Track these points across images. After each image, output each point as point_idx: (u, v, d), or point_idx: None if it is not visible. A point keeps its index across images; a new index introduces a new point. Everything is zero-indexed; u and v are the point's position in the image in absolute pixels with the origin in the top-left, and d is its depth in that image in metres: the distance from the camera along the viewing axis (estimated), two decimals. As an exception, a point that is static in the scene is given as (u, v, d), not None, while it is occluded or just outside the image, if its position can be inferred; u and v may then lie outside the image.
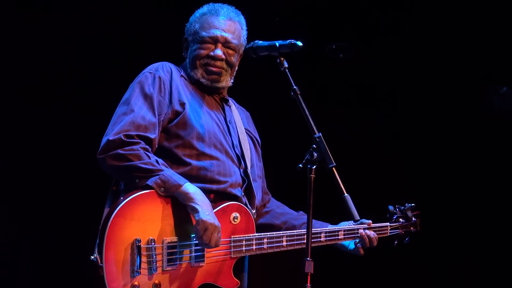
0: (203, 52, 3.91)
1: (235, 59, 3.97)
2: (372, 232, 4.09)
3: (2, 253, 5.54)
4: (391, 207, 4.39)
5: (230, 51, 3.94)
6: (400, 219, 4.36)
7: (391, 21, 6.20)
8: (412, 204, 4.42)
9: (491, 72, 6.42)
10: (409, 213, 4.40)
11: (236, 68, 4.03)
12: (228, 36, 3.92)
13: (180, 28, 4.11)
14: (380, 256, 4.88)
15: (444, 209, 6.38)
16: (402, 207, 4.40)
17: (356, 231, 4.05)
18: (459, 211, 6.46)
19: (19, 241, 5.65)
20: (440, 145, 6.64)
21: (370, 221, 4.10)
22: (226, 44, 3.92)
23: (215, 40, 3.90)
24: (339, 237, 4.05)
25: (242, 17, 4.05)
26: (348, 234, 4.07)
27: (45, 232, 5.63)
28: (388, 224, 4.29)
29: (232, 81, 4.02)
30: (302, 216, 4.12)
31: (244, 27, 4.04)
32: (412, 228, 4.40)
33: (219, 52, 3.90)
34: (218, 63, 3.91)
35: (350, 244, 4.11)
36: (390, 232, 4.29)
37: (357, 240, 4.07)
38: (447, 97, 6.55)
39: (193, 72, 3.93)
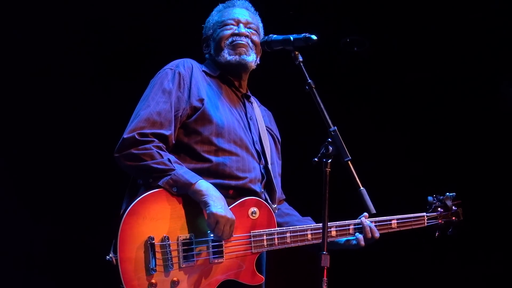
0: (227, 32, 3.96)
1: (257, 39, 3.99)
2: (373, 224, 3.94)
3: (16, 253, 5.72)
4: (430, 198, 4.28)
5: (253, 31, 3.99)
6: (439, 209, 4.24)
7: (405, 13, 6.06)
8: (453, 194, 4.28)
9: (508, 65, 6.24)
10: (449, 202, 4.26)
11: (260, 54, 4.04)
12: (248, 18, 4.01)
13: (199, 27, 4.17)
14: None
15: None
16: (441, 197, 4.27)
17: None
18: (480, 205, 6.26)
19: (34, 240, 5.82)
20: (456, 137, 6.52)
21: (366, 214, 3.95)
22: (247, 25, 3.99)
23: (237, 21, 3.98)
24: (350, 232, 3.94)
25: (257, 13, 4.12)
26: (358, 227, 3.95)
27: (61, 231, 5.79)
28: (424, 214, 4.18)
29: (257, 61, 4.02)
30: (306, 220, 4.03)
31: (260, 21, 4.10)
32: (453, 217, 4.27)
33: (242, 29, 3.96)
34: (243, 39, 3.94)
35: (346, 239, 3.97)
36: (427, 223, 4.18)
37: (354, 237, 3.93)
38: (463, 90, 6.40)
39: (220, 56, 3.95)
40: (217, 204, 3.51)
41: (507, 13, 5.87)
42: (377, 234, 3.93)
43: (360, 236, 3.91)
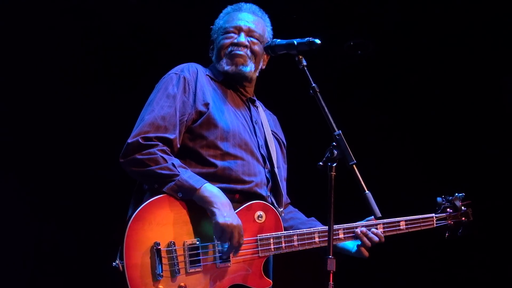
0: (227, 41, 3.94)
1: (258, 48, 3.96)
2: (375, 229, 3.90)
3: (22, 260, 5.75)
4: (439, 199, 4.24)
5: (254, 40, 3.95)
6: (448, 209, 4.20)
7: (408, 15, 6.04)
8: (462, 194, 4.25)
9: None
10: (458, 203, 4.23)
11: (262, 64, 4.02)
12: (251, 26, 3.96)
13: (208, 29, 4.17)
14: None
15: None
16: (450, 197, 4.23)
17: (374, 227, 3.91)
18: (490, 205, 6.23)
19: (40, 249, 5.84)
20: (464, 138, 6.45)
21: (372, 217, 3.91)
22: (249, 33, 3.95)
23: (238, 30, 3.95)
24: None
25: (266, 15, 4.09)
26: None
27: (67, 238, 5.80)
28: (433, 215, 4.15)
29: (257, 72, 4.00)
30: (311, 222, 4.04)
31: (269, 24, 4.07)
32: (463, 218, 4.23)
33: (242, 39, 3.92)
34: (242, 49, 3.91)
35: (353, 246, 3.95)
36: (436, 224, 4.14)
37: (360, 243, 3.90)
38: (469, 90, 6.34)
39: (219, 64, 3.94)
40: (223, 211, 3.50)
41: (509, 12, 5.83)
42: (375, 238, 3.89)
43: (363, 247, 3.90)
